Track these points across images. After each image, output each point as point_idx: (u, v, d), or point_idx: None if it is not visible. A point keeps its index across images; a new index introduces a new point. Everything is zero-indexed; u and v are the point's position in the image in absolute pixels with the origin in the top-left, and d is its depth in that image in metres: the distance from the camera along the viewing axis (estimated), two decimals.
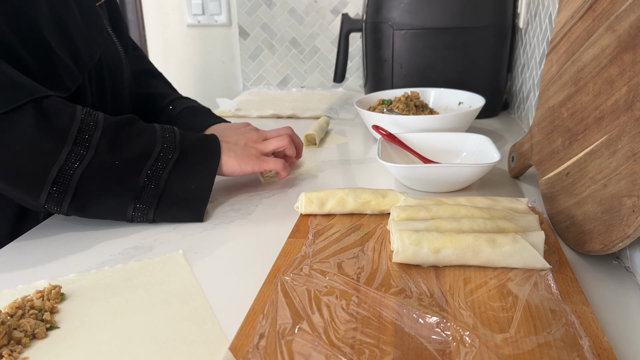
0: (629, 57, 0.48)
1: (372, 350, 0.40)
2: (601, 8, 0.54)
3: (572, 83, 0.60)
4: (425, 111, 1.01)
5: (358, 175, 0.84)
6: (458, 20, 1.09)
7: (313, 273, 0.50)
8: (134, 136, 0.64)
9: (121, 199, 0.62)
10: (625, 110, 0.48)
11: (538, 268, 0.50)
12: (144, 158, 0.63)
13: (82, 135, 0.59)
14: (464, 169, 0.71)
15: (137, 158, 0.63)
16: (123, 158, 0.62)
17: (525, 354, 0.39)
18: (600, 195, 0.50)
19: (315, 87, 1.63)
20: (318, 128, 1.04)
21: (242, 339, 0.42)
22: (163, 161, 0.64)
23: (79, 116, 0.60)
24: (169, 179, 0.64)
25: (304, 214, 0.66)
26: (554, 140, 0.63)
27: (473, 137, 0.82)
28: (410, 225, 0.55)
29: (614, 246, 0.48)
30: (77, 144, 0.59)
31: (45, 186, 0.57)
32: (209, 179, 0.67)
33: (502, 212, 0.58)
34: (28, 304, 0.47)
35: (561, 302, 0.45)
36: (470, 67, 1.13)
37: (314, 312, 0.44)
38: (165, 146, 0.65)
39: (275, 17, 1.58)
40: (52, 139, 0.58)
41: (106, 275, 0.54)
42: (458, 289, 0.48)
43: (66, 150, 0.58)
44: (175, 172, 0.65)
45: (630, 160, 0.46)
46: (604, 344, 0.40)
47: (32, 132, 0.56)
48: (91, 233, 0.64)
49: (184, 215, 0.66)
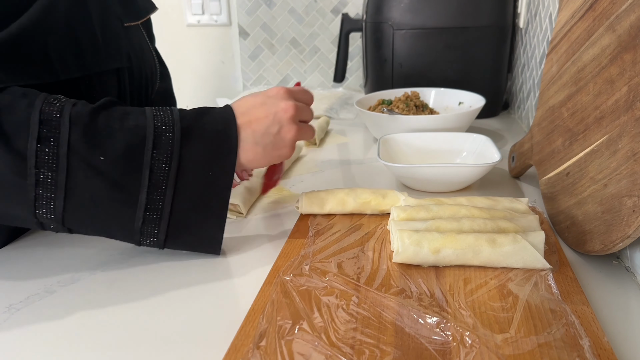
0: (629, 57, 0.48)
1: (372, 351, 0.39)
2: (601, 8, 0.54)
3: (572, 83, 0.60)
4: (425, 111, 1.01)
5: (358, 175, 0.84)
6: (458, 20, 1.09)
7: (313, 273, 0.50)
8: (115, 122, 0.50)
9: (122, 216, 0.51)
10: (625, 110, 0.48)
11: (538, 268, 0.50)
12: (134, 152, 0.50)
13: (45, 128, 0.48)
14: (464, 169, 0.71)
15: (125, 152, 0.50)
16: (107, 153, 0.49)
17: (525, 354, 0.39)
18: (600, 195, 0.50)
19: (315, 87, 1.63)
20: (318, 128, 1.04)
21: (242, 339, 0.42)
22: (162, 158, 0.51)
23: (38, 105, 0.48)
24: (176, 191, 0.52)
25: (304, 214, 0.66)
26: (554, 140, 0.63)
27: (473, 137, 0.82)
28: (411, 225, 0.55)
29: (614, 246, 0.47)
30: (43, 140, 0.47)
31: (29, 196, 0.48)
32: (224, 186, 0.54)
33: (503, 212, 0.58)
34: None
35: (561, 302, 0.45)
36: (470, 67, 1.13)
37: (314, 312, 0.44)
38: (161, 129, 0.51)
39: (275, 17, 1.58)
40: (7, 140, 0.47)
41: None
42: (458, 289, 0.48)
43: (31, 152, 0.47)
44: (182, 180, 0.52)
45: (630, 160, 0.46)
46: (604, 344, 0.40)
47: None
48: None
49: (198, 244, 0.56)
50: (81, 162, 0.48)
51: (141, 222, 0.52)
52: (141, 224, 0.52)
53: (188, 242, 0.56)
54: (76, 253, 0.59)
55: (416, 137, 0.84)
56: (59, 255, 0.59)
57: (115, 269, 0.56)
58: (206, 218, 0.54)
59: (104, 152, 0.49)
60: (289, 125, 0.56)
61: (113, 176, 0.50)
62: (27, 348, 0.44)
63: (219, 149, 0.54)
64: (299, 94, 0.61)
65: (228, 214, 0.66)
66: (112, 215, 0.51)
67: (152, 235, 0.53)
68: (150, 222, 0.52)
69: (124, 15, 0.70)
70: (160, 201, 0.52)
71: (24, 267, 0.57)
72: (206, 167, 0.53)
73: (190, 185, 0.53)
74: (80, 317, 0.48)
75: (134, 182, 0.51)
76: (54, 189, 0.48)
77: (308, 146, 1.00)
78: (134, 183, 0.50)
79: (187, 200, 0.53)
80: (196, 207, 0.54)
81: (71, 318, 0.48)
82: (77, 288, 0.53)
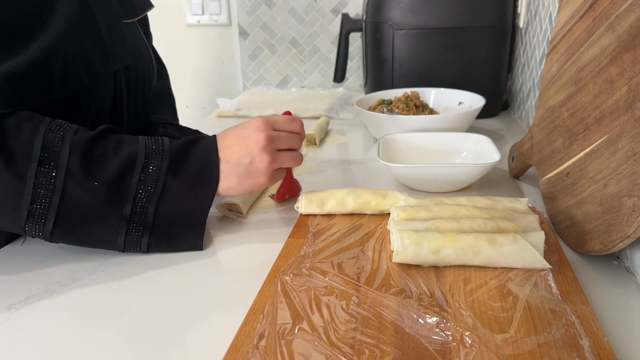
0: (629, 57, 0.48)
1: (372, 351, 0.39)
2: (601, 8, 0.54)
3: (572, 83, 0.60)
4: (425, 111, 1.01)
5: (358, 175, 0.84)
6: (458, 20, 1.09)
7: (313, 273, 0.50)
8: (110, 150, 0.55)
9: (107, 228, 0.55)
10: (625, 110, 0.48)
11: (538, 268, 0.50)
12: (125, 176, 0.55)
13: (46, 153, 0.52)
14: (464, 169, 0.71)
15: (117, 177, 0.54)
16: (101, 179, 0.53)
17: (525, 354, 0.39)
18: (600, 195, 0.50)
19: (315, 87, 1.63)
20: (318, 128, 1.04)
21: (242, 339, 0.42)
22: (149, 182, 0.56)
23: (42, 131, 0.52)
24: (157, 209, 0.56)
25: (304, 214, 0.66)
26: (554, 140, 0.63)
27: (473, 137, 0.82)
28: (411, 225, 0.55)
29: (614, 246, 0.48)
30: (43, 164, 0.51)
31: (22, 213, 0.51)
32: (203, 208, 0.59)
33: (502, 212, 0.58)
34: None
35: (561, 302, 0.45)
36: (470, 67, 1.13)
37: (314, 312, 0.44)
38: (148, 160, 0.56)
39: (275, 17, 1.58)
40: (10, 161, 0.50)
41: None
42: (458, 289, 0.48)
43: (31, 173, 0.51)
44: (163, 201, 0.57)
45: (630, 160, 0.46)
46: (604, 344, 0.40)
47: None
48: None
49: (179, 245, 0.59)
50: (76, 185, 0.53)
51: (124, 235, 0.56)
52: (124, 237, 0.56)
53: (169, 249, 0.59)
54: (76, 253, 0.59)
55: (416, 137, 0.84)
56: (59, 255, 0.59)
57: (115, 269, 0.56)
58: (185, 231, 0.59)
59: (98, 177, 0.53)
60: (260, 155, 0.59)
61: (103, 198, 0.54)
62: (27, 348, 0.44)
63: (202, 179, 0.58)
64: (281, 123, 0.63)
65: (228, 214, 0.67)
66: (98, 230, 0.55)
67: (135, 246, 0.57)
68: (133, 234, 0.56)
69: (121, 12, 0.71)
70: (143, 215, 0.56)
71: (24, 267, 0.57)
72: (188, 192, 0.58)
73: (172, 204, 0.57)
74: (80, 317, 0.48)
75: (121, 201, 0.55)
76: (47, 207, 0.52)
77: (308, 146, 1.00)
78: (121, 202, 0.55)
79: (168, 216, 0.57)
80: (175, 224, 0.58)
81: (71, 318, 0.48)
82: (77, 288, 0.53)
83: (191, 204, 0.58)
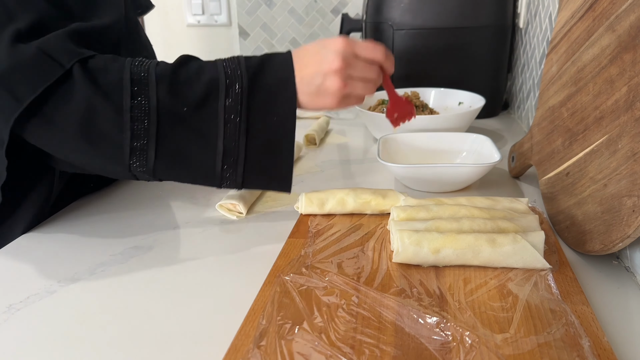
0: (629, 57, 0.48)
1: (372, 351, 0.39)
2: (601, 8, 0.54)
3: (572, 83, 0.60)
4: (425, 111, 1.01)
5: (358, 175, 0.84)
6: (458, 20, 1.09)
7: (313, 273, 0.50)
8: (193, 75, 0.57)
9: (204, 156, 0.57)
10: (625, 110, 0.48)
11: (538, 268, 0.50)
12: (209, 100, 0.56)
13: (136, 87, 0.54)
14: (464, 169, 0.71)
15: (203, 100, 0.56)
16: (189, 102, 0.55)
17: (525, 354, 0.39)
18: (600, 195, 0.50)
19: None
20: (318, 128, 1.04)
21: (242, 339, 0.42)
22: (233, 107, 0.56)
23: (128, 67, 0.55)
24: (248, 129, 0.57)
25: (304, 214, 0.66)
26: (554, 140, 0.63)
27: (473, 137, 0.82)
28: (410, 225, 0.55)
29: (614, 246, 0.48)
30: (135, 96, 0.54)
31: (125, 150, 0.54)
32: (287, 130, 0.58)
33: (502, 212, 0.58)
34: None
35: (561, 302, 0.45)
36: (470, 67, 1.13)
37: (314, 312, 0.44)
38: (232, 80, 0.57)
39: (275, 17, 1.58)
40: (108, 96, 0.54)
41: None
42: (458, 289, 0.48)
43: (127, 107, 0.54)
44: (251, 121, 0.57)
45: (630, 160, 0.46)
46: (604, 344, 0.40)
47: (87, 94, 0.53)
48: (91, 234, 0.64)
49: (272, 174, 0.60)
50: (167, 112, 0.55)
51: (220, 168, 0.57)
52: (221, 169, 0.57)
53: (263, 183, 0.60)
54: (76, 253, 0.59)
55: (416, 137, 0.84)
56: (59, 255, 0.59)
57: (115, 269, 0.56)
58: (276, 160, 0.59)
59: (185, 102, 0.55)
60: (332, 78, 0.57)
61: (194, 124, 0.56)
62: (27, 348, 0.44)
63: (280, 96, 0.58)
64: (363, 49, 0.60)
65: (228, 214, 0.67)
66: (196, 162, 0.57)
67: (231, 178, 0.58)
68: (228, 167, 0.57)
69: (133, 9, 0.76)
70: (235, 147, 0.57)
71: (24, 267, 0.57)
72: (271, 113, 0.58)
73: (259, 131, 0.58)
74: (80, 317, 0.48)
75: (212, 129, 0.56)
76: (146, 140, 0.55)
77: (308, 146, 1.00)
78: (212, 131, 0.56)
79: (258, 145, 0.58)
80: (267, 151, 0.58)
81: (71, 318, 0.48)
82: (77, 288, 0.53)
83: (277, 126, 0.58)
